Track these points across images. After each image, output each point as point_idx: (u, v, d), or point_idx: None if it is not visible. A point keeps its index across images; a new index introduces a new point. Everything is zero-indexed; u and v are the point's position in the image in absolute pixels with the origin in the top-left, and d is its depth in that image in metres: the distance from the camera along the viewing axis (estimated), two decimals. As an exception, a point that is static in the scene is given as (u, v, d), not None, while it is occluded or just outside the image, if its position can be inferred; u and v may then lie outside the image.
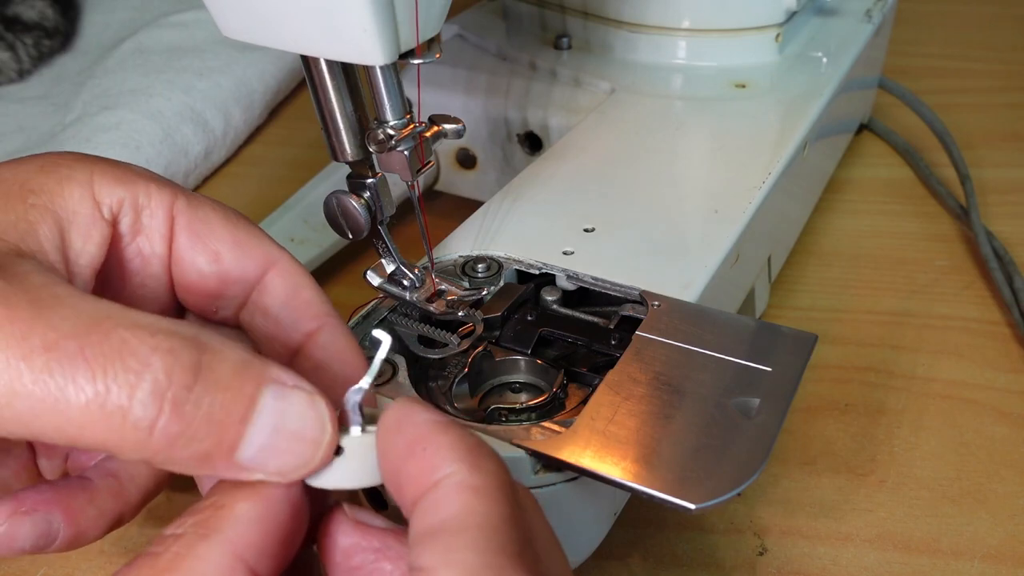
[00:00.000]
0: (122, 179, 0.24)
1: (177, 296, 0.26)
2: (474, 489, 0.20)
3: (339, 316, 0.26)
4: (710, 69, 0.49)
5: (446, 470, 0.20)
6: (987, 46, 0.76)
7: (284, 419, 0.21)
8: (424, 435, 0.20)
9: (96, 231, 0.24)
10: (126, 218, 0.25)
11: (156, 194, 0.25)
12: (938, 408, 0.40)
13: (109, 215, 0.24)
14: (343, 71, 0.28)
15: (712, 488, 0.24)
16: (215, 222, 0.26)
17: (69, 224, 0.23)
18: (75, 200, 0.23)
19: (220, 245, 0.25)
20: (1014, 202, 0.55)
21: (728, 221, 0.36)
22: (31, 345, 0.19)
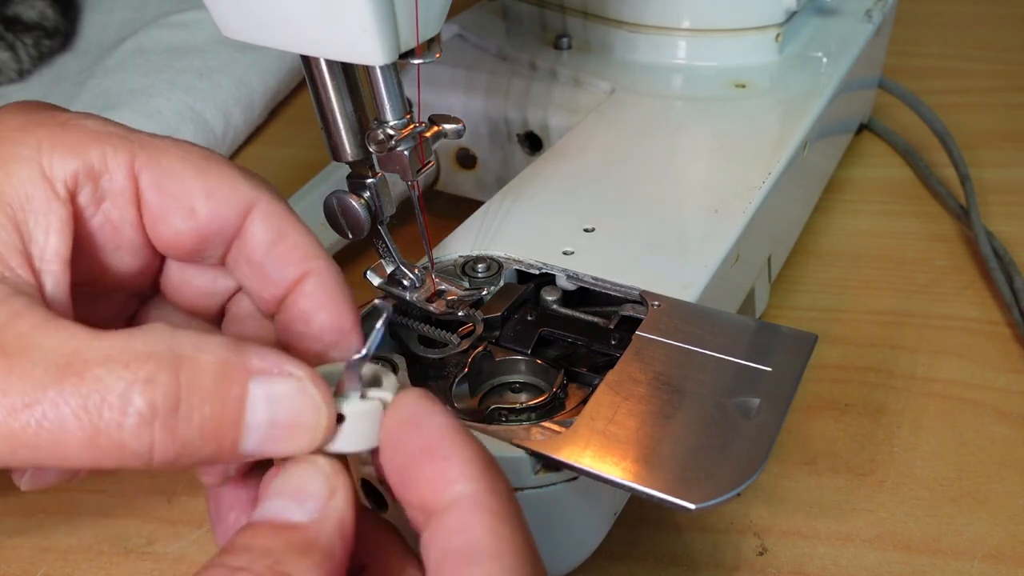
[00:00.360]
0: (73, 146, 0.22)
1: (158, 250, 0.25)
2: (495, 513, 0.20)
3: (327, 258, 0.25)
4: (710, 69, 0.49)
5: (465, 487, 0.20)
6: (987, 46, 0.76)
7: (277, 411, 0.20)
8: (442, 442, 0.20)
9: (55, 216, 0.22)
10: (85, 189, 0.23)
11: (112, 155, 0.23)
12: (938, 408, 0.40)
13: (64, 192, 0.22)
14: (343, 71, 0.28)
15: (712, 488, 0.24)
16: (183, 173, 0.23)
17: (25, 215, 0.21)
18: (25, 183, 0.22)
19: (192, 199, 0.23)
20: (1014, 202, 0.55)
21: (728, 221, 0.36)
22: (12, 403, 0.18)
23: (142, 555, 0.35)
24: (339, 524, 0.21)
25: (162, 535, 0.36)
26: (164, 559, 0.35)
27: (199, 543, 0.36)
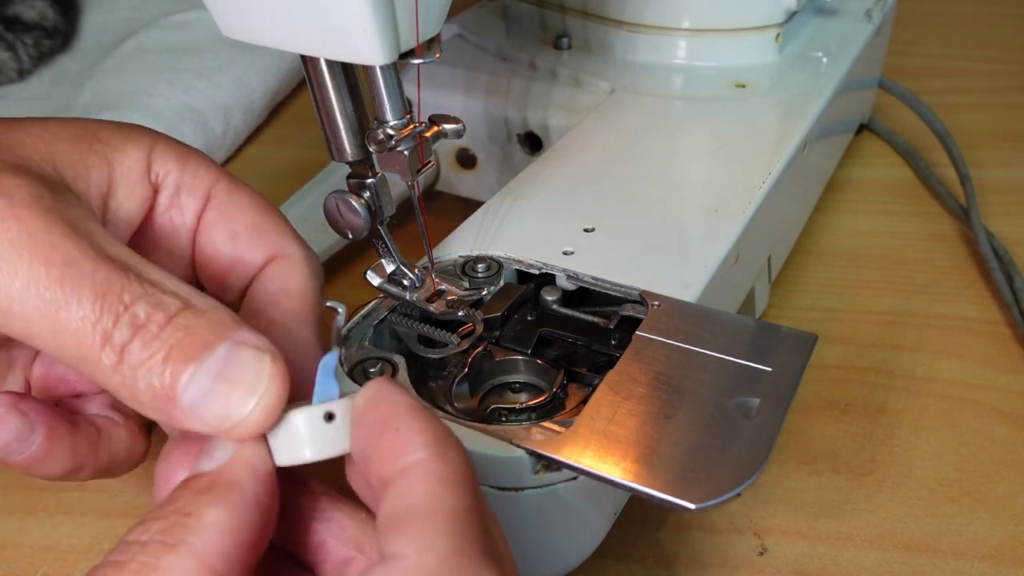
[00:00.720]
0: (179, 155, 0.27)
1: (195, 264, 0.28)
2: (440, 478, 0.20)
3: (313, 319, 0.27)
4: (710, 69, 0.49)
5: (414, 456, 0.21)
6: (987, 46, 0.76)
7: (227, 367, 0.21)
8: (397, 415, 0.21)
9: (140, 191, 0.26)
10: (167, 190, 0.27)
11: (203, 174, 0.27)
12: (938, 408, 0.40)
13: (155, 181, 0.26)
14: (343, 71, 0.28)
15: (712, 488, 0.24)
16: (245, 205, 0.27)
17: (120, 178, 0.25)
18: (131, 159, 0.26)
19: (239, 226, 0.27)
20: (1014, 202, 0.55)
21: (728, 221, 0.36)
22: (54, 257, 0.21)
23: (142, 555, 0.35)
24: (246, 463, 0.21)
25: (162, 535, 0.36)
26: (164, 559, 0.35)
27: (199, 543, 0.36)
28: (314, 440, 0.22)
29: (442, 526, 0.20)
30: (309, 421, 0.22)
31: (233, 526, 0.20)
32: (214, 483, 0.21)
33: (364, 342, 0.31)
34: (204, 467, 0.22)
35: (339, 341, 0.25)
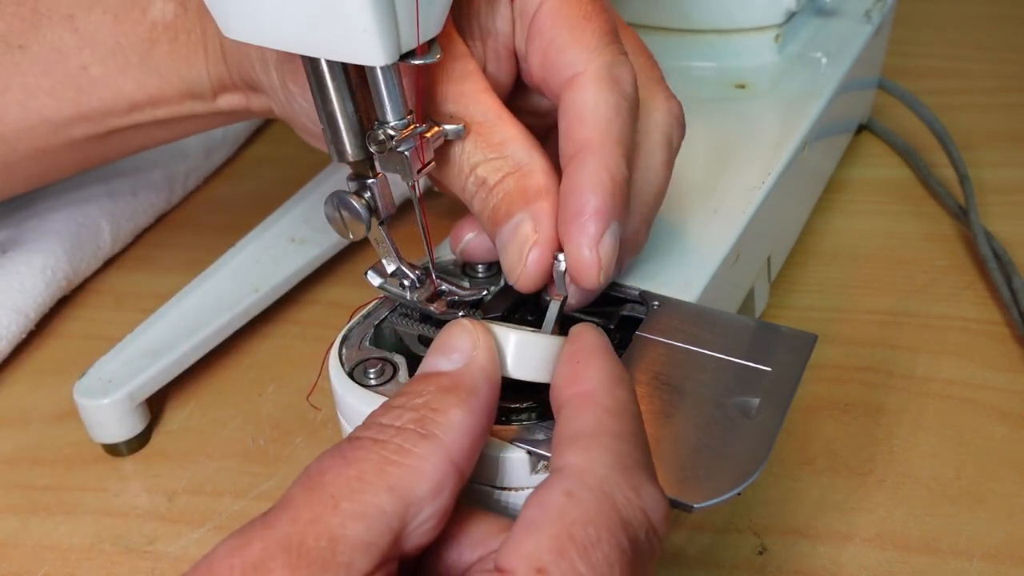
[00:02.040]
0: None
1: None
2: (606, 408, 0.24)
3: (607, 143, 0.28)
4: (710, 69, 0.49)
5: (585, 387, 0.24)
6: (987, 46, 0.76)
7: (511, 238, 0.29)
8: (585, 351, 0.25)
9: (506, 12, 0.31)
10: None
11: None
12: (937, 408, 0.40)
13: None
14: (343, 71, 0.28)
15: (712, 488, 0.24)
16: (556, 20, 0.29)
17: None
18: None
19: (544, 45, 0.30)
20: (1013, 202, 0.55)
21: (728, 221, 0.36)
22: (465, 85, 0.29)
23: (143, 555, 0.35)
24: (481, 370, 0.25)
25: (163, 535, 0.36)
26: (165, 559, 0.35)
27: (200, 543, 0.36)
28: (532, 362, 0.27)
29: (606, 443, 0.23)
30: (533, 346, 0.27)
31: (471, 428, 0.24)
32: (456, 384, 0.24)
33: (364, 342, 0.31)
34: (443, 366, 0.25)
35: (562, 286, 0.29)
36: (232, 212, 0.57)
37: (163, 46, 0.35)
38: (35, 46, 0.35)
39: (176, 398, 0.43)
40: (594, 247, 0.28)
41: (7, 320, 0.44)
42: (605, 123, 0.28)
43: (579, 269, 0.28)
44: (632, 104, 0.29)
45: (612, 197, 0.28)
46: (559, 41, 0.29)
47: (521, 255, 0.29)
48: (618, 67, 0.29)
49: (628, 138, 0.29)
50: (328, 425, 0.41)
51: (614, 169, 0.28)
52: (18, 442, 0.41)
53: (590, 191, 0.28)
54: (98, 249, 0.51)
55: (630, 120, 0.29)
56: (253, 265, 0.47)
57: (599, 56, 0.29)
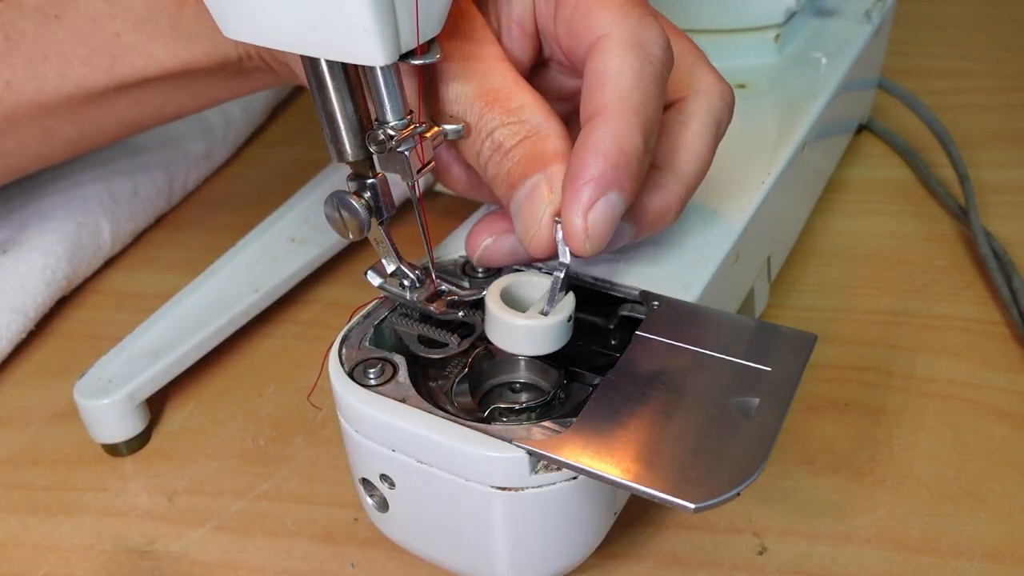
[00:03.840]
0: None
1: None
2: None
3: (623, 110, 0.28)
4: (710, 69, 0.48)
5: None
6: (987, 46, 0.76)
7: (527, 201, 0.29)
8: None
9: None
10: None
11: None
12: (937, 408, 0.40)
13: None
14: (343, 71, 0.28)
15: (712, 488, 0.24)
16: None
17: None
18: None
19: (569, 10, 0.30)
20: (1013, 202, 0.55)
21: (728, 221, 0.36)
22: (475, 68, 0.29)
23: (143, 555, 0.35)
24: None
25: (163, 535, 0.36)
26: (165, 559, 0.35)
27: (200, 543, 0.36)
28: (541, 343, 0.29)
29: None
30: (543, 331, 0.29)
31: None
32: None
33: (364, 342, 0.31)
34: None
35: (564, 253, 0.29)
36: (232, 212, 0.57)
37: (191, 8, 0.36)
38: (70, 15, 0.36)
39: (176, 398, 0.43)
40: (583, 214, 0.27)
41: (7, 320, 0.44)
42: (627, 89, 0.28)
43: (567, 234, 0.28)
44: (660, 69, 0.29)
45: (615, 167, 0.27)
46: (584, 5, 0.29)
47: (536, 215, 0.29)
48: (646, 29, 0.29)
49: (650, 106, 0.28)
50: (328, 425, 0.41)
51: (623, 138, 0.27)
52: (18, 442, 0.41)
53: (592, 156, 0.27)
54: (98, 249, 0.51)
55: (655, 87, 0.28)
56: (253, 265, 0.47)
57: (626, 18, 0.28)
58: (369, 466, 0.30)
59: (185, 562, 0.35)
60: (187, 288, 0.45)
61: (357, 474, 0.31)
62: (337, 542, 0.36)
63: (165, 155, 0.57)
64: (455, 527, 0.29)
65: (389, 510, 0.30)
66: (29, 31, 0.36)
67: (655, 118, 0.29)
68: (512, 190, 0.29)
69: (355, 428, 0.29)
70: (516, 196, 0.29)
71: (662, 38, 0.29)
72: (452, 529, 0.29)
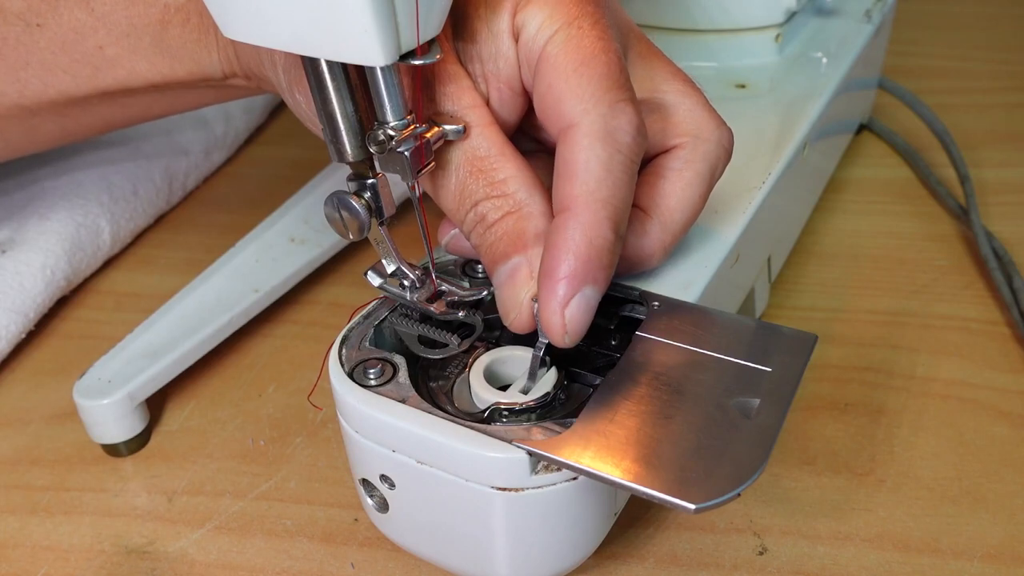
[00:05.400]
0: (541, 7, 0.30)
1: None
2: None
3: (591, 204, 0.28)
4: (710, 69, 0.49)
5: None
6: (987, 46, 0.76)
7: (507, 281, 0.29)
8: None
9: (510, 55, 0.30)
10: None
11: (546, 26, 0.29)
12: (938, 408, 0.40)
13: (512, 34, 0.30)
14: (343, 71, 0.28)
15: (712, 488, 0.24)
16: (559, 65, 0.29)
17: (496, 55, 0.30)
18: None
19: (544, 89, 0.29)
20: (1014, 202, 0.55)
21: (728, 221, 0.36)
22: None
23: (142, 555, 0.35)
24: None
25: (163, 535, 0.36)
26: (165, 559, 0.35)
27: (199, 543, 0.36)
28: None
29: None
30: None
31: None
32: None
33: (364, 342, 0.31)
34: None
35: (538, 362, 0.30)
36: (232, 212, 0.57)
37: (175, 28, 0.36)
38: (52, 24, 0.36)
39: (176, 398, 0.43)
40: (559, 311, 0.27)
41: (7, 320, 0.44)
42: (594, 182, 0.28)
43: (546, 327, 0.28)
44: (629, 156, 0.28)
45: (586, 263, 0.27)
46: (556, 90, 0.28)
47: (517, 299, 0.29)
48: (616, 117, 0.28)
49: (619, 196, 0.28)
50: (328, 425, 0.41)
51: (592, 233, 0.27)
52: (18, 442, 0.41)
53: (563, 255, 0.27)
54: (98, 249, 0.51)
55: (624, 175, 0.28)
56: (253, 265, 0.47)
57: (596, 107, 0.28)
58: (369, 466, 0.30)
59: (184, 562, 0.35)
60: (187, 288, 0.45)
61: (357, 474, 0.31)
62: (337, 542, 0.36)
63: (165, 155, 0.57)
64: (455, 528, 0.29)
65: (389, 510, 0.30)
66: (11, 38, 0.37)
67: (625, 207, 0.28)
68: (494, 265, 0.30)
69: (355, 428, 0.29)
70: (497, 274, 0.30)
71: (632, 125, 0.28)
72: (452, 530, 0.29)
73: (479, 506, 0.27)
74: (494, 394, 0.29)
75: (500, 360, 0.31)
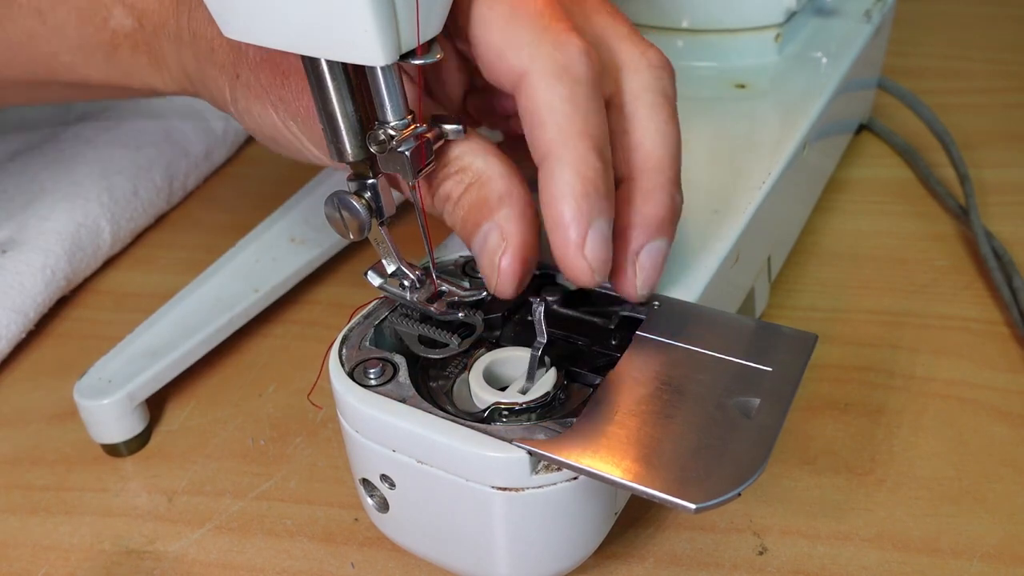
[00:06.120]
0: None
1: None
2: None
3: (569, 141, 0.27)
4: (710, 69, 0.49)
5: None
6: (987, 46, 0.76)
7: (483, 247, 0.29)
8: None
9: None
10: None
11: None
12: (937, 408, 0.40)
13: None
14: (343, 71, 0.28)
15: (713, 488, 0.24)
16: (490, 22, 0.28)
17: None
18: None
19: (486, 51, 0.28)
20: (1013, 202, 0.55)
21: (728, 221, 0.36)
22: None
23: (143, 555, 0.35)
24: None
25: (163, 535, 0.36)
26: (165, 559, 0.35)
27: (199, 543, 0.36)
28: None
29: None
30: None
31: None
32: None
33: (364, 342, 0.31)
34: None
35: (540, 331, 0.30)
36: (232, 212, 0.57)
37: (125, 51, 0.36)
38: (8, 27, 0.36)
39: (176, 398, 0.43)
40: (579, 254, 0.28)
41: (7, 320, 0.44)
42: (564, 120, 0.27)
43: (572, 274, 0.28)
44: (590, 85, 0.28)
45: (585, 199, 0.27)
46: (495, 46, 0.28)
47: (494, 264, 0.29)
48: (562, 52, 0.28)
49: (593, 123, 0.28)
50: (328, 425, 0.41)
51: (582, 168, 0.27)
52: (18, 442, 0.41)
53: (561, 200, 0.27)
54: (98, 249, 0.51)
55: (592, 103, 0.28)
56: (253, 265, 0.47)
57: (540, 48, 0.28)
58: (369, 466, 0.30)
59: (185, 562, 0.35)
60: (187, 288, 0.45)
61: (357, 474, 0.31)
62: (337, 542, 0.36)
63: (165, 155, 0.57)
64: (455, 527, 0.29)
65: (389, 510, 0.30)
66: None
67: (602, 133, 0.28)
68: (470, 239, 0.30)
69: (355, 428, 0.29)
70: (473, 246, 0.30)
71: (582, 53, 0.28)
72: (452, 529, 0.29)
73: (479, 506, 0.27)
74: (494, 394, 0.29)
75: (500, 360, 0.31)
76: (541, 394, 0.29)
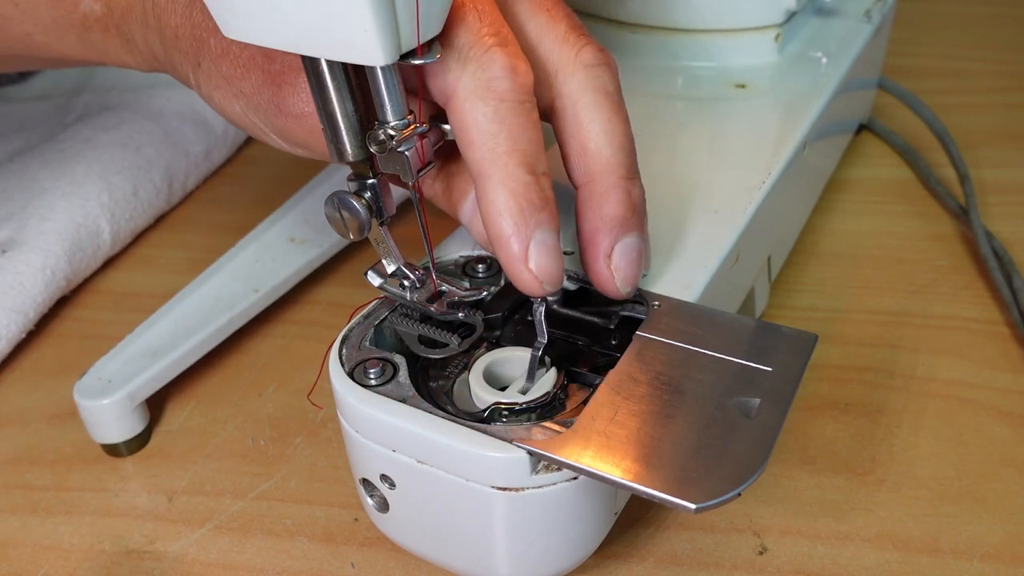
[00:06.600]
0: None
1: None
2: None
3: (497, 160, 0.28)
4: (710, 69, 0.49)
5: None
6: (987, 46, 0.76)
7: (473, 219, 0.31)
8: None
9: None
10: None
11: None
12: (937, 408, 0.40)
13: None
14: (343, 71, 0.28)
15: (713, 488, 0.24)
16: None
17: None
18: None
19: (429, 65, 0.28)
20: (1013, 202, 0.55)
21: (728, 221, 0.36)
22: None
23: (143, 555, 0.35)
24: None
25: (163, 535, 0.36)
26: (165, 559, 0.35)
27: (199, 543, 0.36)
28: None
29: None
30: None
31: None
32: None
33: (364, 342, 0.31)
34: None
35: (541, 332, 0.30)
36: (232, 212, 0.57)
37: (96, 33, 0.36)
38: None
39: (176, 398, 0.43)
40: (524, 267, 0.28)
41: (7, 320, 0.44)
42: (490, 139, 0.27)
43: (523, 287, 0.29)
44: (516, 99, 0.28)
45: (520, 214, 0.28)
46: (423, 69, 0.28)
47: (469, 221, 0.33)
48: (487, 68, 0.27)
49: (524, 138, 0.28)
50: (328, 424, 0.41)
51: (512, 184, 0.27)
52: (18, 442, 0.41)
53: (498, 217, 0.28)
54: (98, 249, 0.51)
55: (517, 118, 0.28)
56: (253, 265, 0.47)
57: (464, 67, 0.27)
58: (369, 466, 0.30)
59: (185, 562, 0.35)
60: (187, 288, 0.45)
61: (357, 474, 0.31)
62: (337, 542, 0.36)
63: (165, 155, 0.56)
64: (455, 527, 0.29)
65: (389, 510, 0.30)
66: None
67: (532, 146, 0.28)
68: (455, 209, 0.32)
69: (355, 428, 0.29)
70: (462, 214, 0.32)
71: (506, 68, 0.27)
72: (452, 529, 0.29)
73: (479, 506, 0.27)
74: (494, 394, 0.29)
75: (500, 360, 0.31)
76: (541, 394, 0.29)
